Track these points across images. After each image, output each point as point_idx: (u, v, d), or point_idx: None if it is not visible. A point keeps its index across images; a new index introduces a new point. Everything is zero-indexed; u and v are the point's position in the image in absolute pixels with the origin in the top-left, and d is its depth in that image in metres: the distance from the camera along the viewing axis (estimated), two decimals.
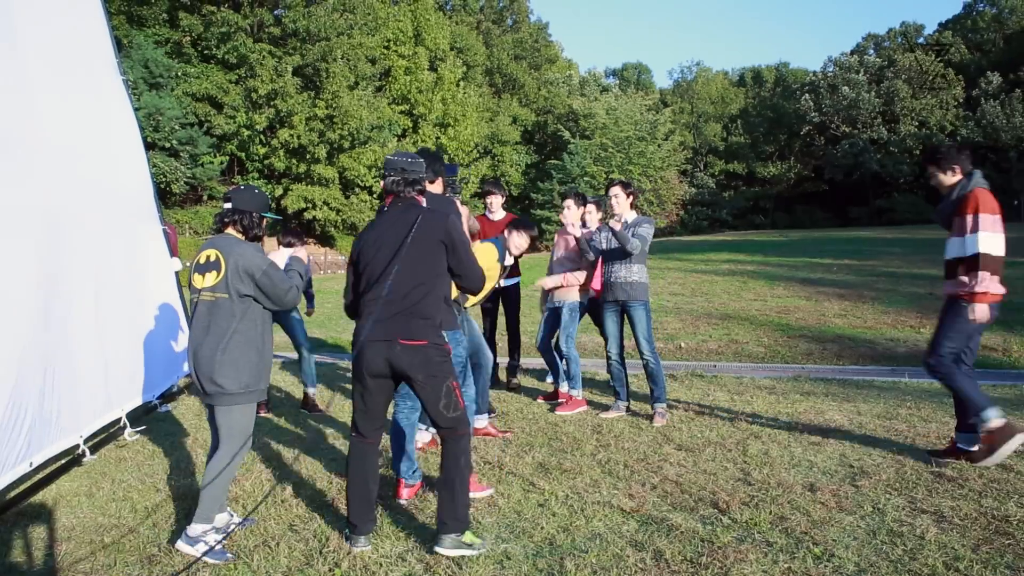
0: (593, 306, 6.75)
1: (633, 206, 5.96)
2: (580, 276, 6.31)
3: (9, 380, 4.13)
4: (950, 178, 4.56)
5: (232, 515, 3.97)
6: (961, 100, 51.44)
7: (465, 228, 4.30)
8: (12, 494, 4.41)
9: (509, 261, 5.43)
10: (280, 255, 4.26)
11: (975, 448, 4.44)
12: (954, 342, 4.47)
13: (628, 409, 6.12)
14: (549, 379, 7.37)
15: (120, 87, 6.63)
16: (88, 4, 6.18)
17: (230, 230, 3.85)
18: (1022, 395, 6.72)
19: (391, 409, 4.06)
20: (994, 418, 4.30)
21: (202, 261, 3.75)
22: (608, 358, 6.10)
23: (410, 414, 4.35)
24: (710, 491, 4.19)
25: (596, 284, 6.83)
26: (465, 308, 5.67)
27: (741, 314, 11.96)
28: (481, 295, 4.81)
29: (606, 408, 6.19)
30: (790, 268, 17.87)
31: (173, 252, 7.38)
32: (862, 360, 9.09)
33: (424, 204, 3.73)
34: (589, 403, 6.46)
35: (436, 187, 4.46)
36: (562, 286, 6.37)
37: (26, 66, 4.79)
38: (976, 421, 4.39)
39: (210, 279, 3.70)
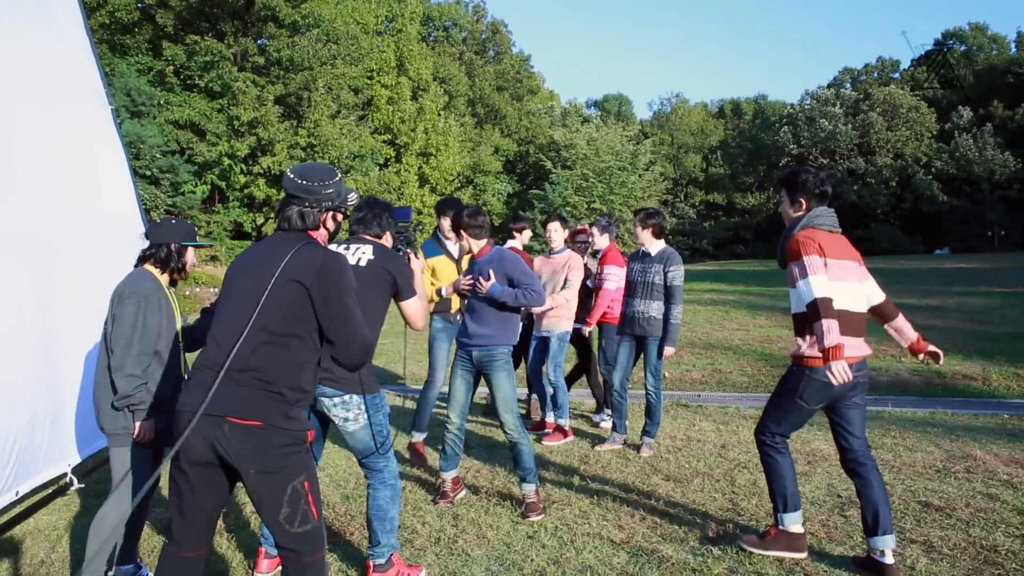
0: (578, 336, 6.77)
1: (657, 236, 5.83)
2: (563, 301, 6.20)
3: (2, 407, 4.05)
4: (794, 211, 3.73)
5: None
6: (935, 133, 52.44)
7: (417, 284, 3.70)
8: None
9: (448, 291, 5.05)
10: None
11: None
12: (777, 422, 3.71)
13: (626, 443, 5.99)
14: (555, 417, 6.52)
15: (108, 116, 6.59)
16: (73, 33, 6.16)
17: (148, 266, 3.68)
18: (1003, 424, 6.78)
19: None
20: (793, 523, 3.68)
21: None
22: (612, 388, 6.00)
23: None
24: (700, 522, 4.18)
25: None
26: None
27: (724, 344, 12.00)
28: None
29: (601, 440, 6.14)
30: (771, 298, 18.00)
31: None
32: None
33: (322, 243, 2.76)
34: (576, 432, 6.44)
35: (384, 241, 3.81)
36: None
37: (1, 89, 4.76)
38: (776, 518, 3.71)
39: (109, 310, 3.56)
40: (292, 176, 2.70)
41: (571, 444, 6.09)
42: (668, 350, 5.66)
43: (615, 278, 6.44)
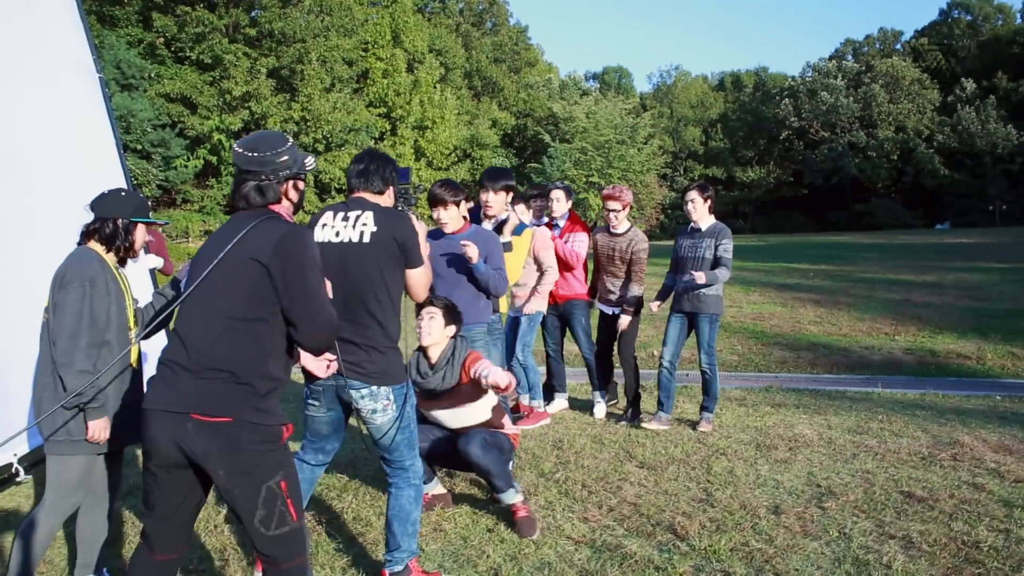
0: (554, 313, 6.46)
1: (711, 210, 5.81)
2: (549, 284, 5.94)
3: None
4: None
5: None
6: (937, 105, 51.85)
7: (423, 249, 3.30)
8: None
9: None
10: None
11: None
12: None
13: (670, 421, 5.90)
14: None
15: (96, 87, 6.26)
16: (58, 4, 5.85)
17: (92, 243, 3.21)
18: (995, 407, 6.58)
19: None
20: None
21: None
22: (660, 365, 6.00)
23: (315, 469, 3.47)
24: (669, 514, 3.97)
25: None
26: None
27: None
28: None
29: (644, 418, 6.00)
30: (766, 273, 17.77)
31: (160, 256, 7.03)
32: (836, 369, 8.95)
33: (286, 218, 2.54)
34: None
35: (386, 199, 3.35)
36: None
37: None
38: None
39: (49, 296, 3.15)
40: (241, 150, 2.47)
41: (546, 428, 5.89)
42: (699, 275, 5.47)
43: (584, 244, 6.22)
